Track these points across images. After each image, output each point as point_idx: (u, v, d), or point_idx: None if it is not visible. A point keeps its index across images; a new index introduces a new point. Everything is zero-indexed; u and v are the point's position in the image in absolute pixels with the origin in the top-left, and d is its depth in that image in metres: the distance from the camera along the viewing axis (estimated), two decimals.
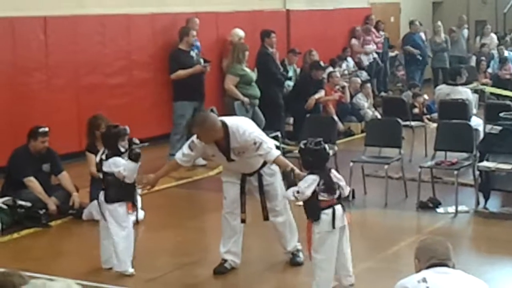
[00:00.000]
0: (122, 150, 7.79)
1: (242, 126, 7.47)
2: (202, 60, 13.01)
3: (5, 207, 9.51)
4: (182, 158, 7.70)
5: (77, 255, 8.63)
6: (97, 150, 9.68)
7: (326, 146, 6.90)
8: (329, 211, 6.70)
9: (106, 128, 7.96)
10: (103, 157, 7.83)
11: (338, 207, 6.76)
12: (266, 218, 7.82)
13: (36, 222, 9.52)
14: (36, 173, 9.91)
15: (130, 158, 7.67)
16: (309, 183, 6.69)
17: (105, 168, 7.78)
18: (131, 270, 7.73)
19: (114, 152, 7.76)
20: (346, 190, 6.96)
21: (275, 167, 7.69)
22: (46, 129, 10.02)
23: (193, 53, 13.02)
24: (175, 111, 12.87)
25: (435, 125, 15.46)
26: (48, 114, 12.25)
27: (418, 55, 19.54)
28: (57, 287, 4.01)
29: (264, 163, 7.66)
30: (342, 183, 6.90)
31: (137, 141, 7.74)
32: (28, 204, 9.61)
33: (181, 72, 12.69)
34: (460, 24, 21.51)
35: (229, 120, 7.56)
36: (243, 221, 7.80)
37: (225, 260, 7.82)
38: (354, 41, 19.37)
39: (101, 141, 8.16)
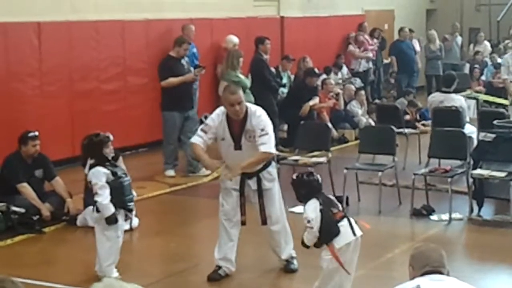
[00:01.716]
0: (108, 157, 7.80)
1: (260, 110, 7.62)
2: (192, 69, 12.84)
3: None
4: (201, 140, 7.69)
5: (71, 262, 8.61)
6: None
7: (318, 176, 6.79)
8: (345, 222, 6.58)
9: (88, 138, 7.93)
10: (91, 163, 7.83)
11: (349, 217, 6.66)
12: (264, 222, 7.82)
13: (30, 228, 9.50)
14: (29, 179, 9.90)
15: (106, 219, 7.63)
16: (312, 208, 6.55)
17: (88, 178, 7.80)
18: (114, 275, 7.72)
19: (99, 160, 7.74)
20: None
21: (274, 173, 7.76)
22: (36, 133, 10.02)
23: (183, 61, 12.84)
24: (166, 121, 12.51)
25: (428, 128, 15.55)
26: (41, 120, 12.23)
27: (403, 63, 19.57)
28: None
29: (264, 167, 7.68)
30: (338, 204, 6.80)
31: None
32: (22, 210, 9.59)
33: (172, 80, 12.35)
34: (454, 31, 21.54)
35: (249, 104, 7.73)
36: (243, 223, 7.80)
37: (219, 267, 7.81)
38: (351, 47, 19.38)
39: (86, 151, 8.09)
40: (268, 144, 7.47)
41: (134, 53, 14.16)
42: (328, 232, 6.52)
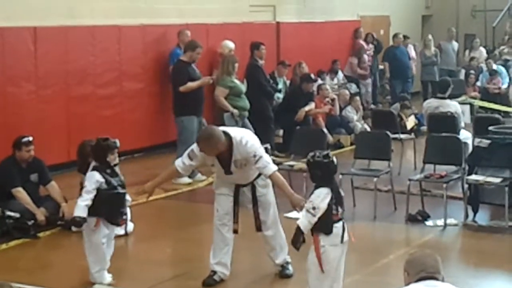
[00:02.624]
0: (111, 163, 7.78)
1: (245, 137, 7.53)
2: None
3: None
4: (182, 166, 7.71)
5: (66, 267, 8.60)
6: None
7: (335, 158, 6.77)
8: (339, 224, 6.57)
9: (96, 141, 7.89)
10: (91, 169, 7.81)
11: (344, 222, 6.65)
12: (259, 229, 7.83)
13: (25, 233, 9.48)
14: (24, 183, 9.88)
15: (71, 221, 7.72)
16: (322, 197, 6.49)
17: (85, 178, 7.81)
18: (106, 281, 7.70)
19: (102, 165, 7.72)
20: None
21: (268, 180, 7.72)
22: (30, 138, 10.00)
23: (193, 66, 12.81)
24: (185, 127, 12.17)
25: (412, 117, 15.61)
26: (37, 124, 12.23)
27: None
28: None
29: (259, 174, 7.68)
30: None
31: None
32: (17, 214, 9.57)
33: (191, 85, 12.13)
34: (449, 37, 21.56)
35: (233, 132, 7.58)
36: (235, 231, 7.80)
37: (215, 272, 7.81)
38: (352, 59, 19.44)
39: (91, 153, 8.09)
40: (268, 166, 7.45)
41: (130, 58, 14.17)
42: (322, 227, 6.50)
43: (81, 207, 7.54)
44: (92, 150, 7.96)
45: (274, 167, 7.51)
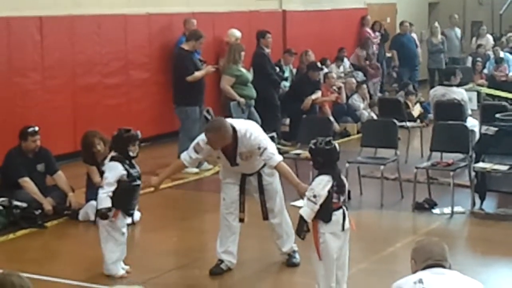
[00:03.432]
0: (132, 155, 7.74)
1: (249, 129, 7.53)
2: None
3: (0, 207, 9.48)
4: (188, 160, 7.72)
5: (73, 256, 8.62)
6: (96, 161, 9.71)
7: (337, 144, 6.78)
8: (339, 212, 6.58)
9: (118, 131, 7.82)
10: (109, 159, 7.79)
11: (345, 210, 6.66)
12: (265, 217, 7.84)
13: (32, 222, 9.49)
14: (31, 173, 9.90)
15: (98, 211, 7.60)
16: (323, 184, 6.51)
17: (103, 168, 7.79)
18: (120, 272, 7.70)
19: (123, 156, 7.68)
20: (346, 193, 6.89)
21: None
22: (36, 128, 10.01)
23: (196, 54, 12.79)
24: (188, 117, 12.20)
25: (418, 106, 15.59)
26: (44, 114, 12.24)
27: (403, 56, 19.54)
28: None
29: (265, 164, 7.68)
30: (346, 185, 6.80)
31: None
32: (24, 204, 9.59)
33: (197, 74, 12.14)
34: (452, 24, 21.43)
35: (238, 125, 7.58)
36: (241, 220, 7.81)
37: (221, 261, 7.81)
38: (359, 51, 19.40)
39: (111, 143, 8.02)
40: (272, 157, 7.44)
41: (136, 47, 14.16)
42: (321, 214, 6.51)
43: (104, 199, 7.52)
44: (113, 141, 7.88)
45: (279, 158, 7.49)
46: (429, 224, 9.53)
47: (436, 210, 9.90)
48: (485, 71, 20.12)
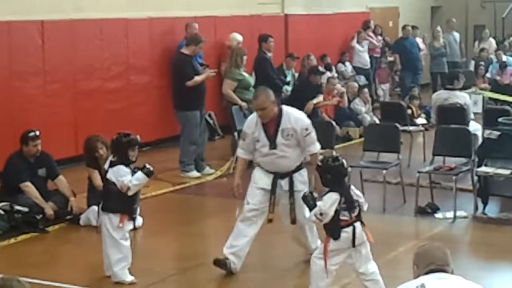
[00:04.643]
0: (132, 159, 7.69)
1: (296, 112, 7.90)
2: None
3: (2, 212, 9.47)
4: (242, 151, 7.96)
5: (74, 261, 8.59)
6: (99, 165, 9.70)
7: (344, 161, 6.77)
8: (350, 229, 6.61)
9: (117, 136, 7.78)
10: (112, 159, 7.74)
11: (358, 225, 6.67)
12: (293, 222, 7.87)
13: (33, 227, 9.47)
14: (32, 178, 9.87)
15: (143, 172, 7.55)
16: (330, 203, 6.55)
17: (108, 175, 7.68)
18: (129, 279, 7.65)
19: (122, 160, 7.64)
20: (365, 206, 6.86)
21: (306, 176, 7.87)
22: (37, 132, 9.99)
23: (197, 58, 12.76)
24: (189, 121, 12.10)
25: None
26: (45, 118, 12.22)
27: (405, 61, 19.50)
28: None
29: (297, 168, 7.79)
30: (362, 199, 6.80)
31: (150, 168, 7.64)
32: (25, 209, 9.57)
33: (197, 79, 12.05)
34: (450, 28, 21.35)
35: (283, 106, 7.93)
36: (270, 221, 7.88)
37: (227, 258, 7.81)
38: (355, 44, 19.35)
39: (110, 148, 8.02)
40: (316, 143, 7.80)
41: (138, 51, 14.14)
42: (330, 232, 6.61)
43: (138, 178, 7.52)
44: (112, 146, 7.84)
45: (319, 146, 7.85)
46: (432, 229, 9.50)
47: (438, 215, 9.87)
48: (488, 75, 20.10)
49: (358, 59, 19.32)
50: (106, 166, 7.84)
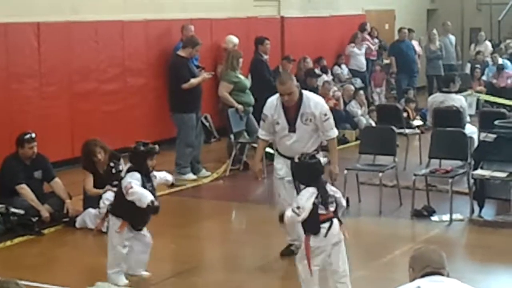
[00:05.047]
0: (150, 169, 7.54)
1: (316, 97, 8.23)
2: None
3: None
4: (264, 132, 8.24)
5: (70, 263, 8.59)
6: (96, 169, 9.69)
7: (321, 158, 6.89)
8: (327, 224, 6.65)
9: (136, 145, 7.63)
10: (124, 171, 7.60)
11: (335, 221, 6.71)
12: None
13: (29, 229, 9.46)
14: (28, 180, 9.86)
15: (150, 204, 7.32)
16: (307, 196, 6.61)
17: (123, 181, 7.47)
18: (122, 282, 7.61)
19: (139, 169, 7.46)
20: (343, 201, 6.94)
21: (324, 162, 7.91)
22: (33, 134, 9.98)
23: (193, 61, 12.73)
24: (184, 124, 12.05)
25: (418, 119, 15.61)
26: (41, 121, 12.20)
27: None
28: None
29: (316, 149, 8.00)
30: (338, 195, 6.84)
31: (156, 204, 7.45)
32: (21, 211, 9.55)
33: (193, 81, 12.00)
34: (445, 30, 21.36)
35: (303, 90, 8.19)
36: None
37: (291, 244, 8.07)
38: (351, 47, 19.34)
39: (128, 157, 7.79)
40: (334, 128, 8.17)
41: (134, 53, 14.13)
42: (309, 227, 6.67)
43: (144, 192, 7.31)
44: (130, 155, 7.66)
45: (336, 132, 8.24)
46: (428, 232, 9.50)
47: (434, 217, 9.87)
48: (484, 77, 20.11)
49: (354, 61, 19.31)
50: (123, 174, 7.69)
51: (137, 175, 7.45)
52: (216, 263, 8.53)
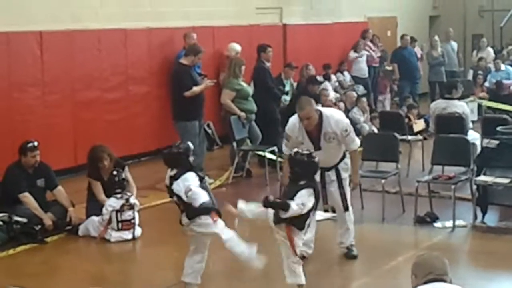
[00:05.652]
0: (194, 164, 7.50)
1: (336, 114, 8.36)
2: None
3: (0, 223, 9.46)
4: (287, 149, 8.23)
5: (73, 271, 8.58)
6: (100, 175, 9.69)
7: (317, 158, 6.97)
8: (308, 221, 7.01)
9: (168, 151, 7.58)
10: (171, 174, 7.47)
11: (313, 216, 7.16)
12: (346, 208, 8.49)
13: (32, 238, 9.47)
14: (31, 188, 9.87)
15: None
16: (309, 194, 6.82)
17: (175, 189, 7.36)
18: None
19: (186, 169, 7.39)
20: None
21: (348, 163, 8.39)
22: (35, 143, 9.99)
23: (196, 69, 12.74)
24: (188, 132, 11.93)
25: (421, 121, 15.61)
26: (44, 129, 12.21)
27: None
28: None
29: (341, 159, 8.34)
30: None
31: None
32: (24, 220, 9.56)
33: (195, 89, 12.00)
34: (447, 37, 21.37)
35: (322, 109, 8.39)
36: (326, 210, 8.63)
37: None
38: (352, 53, 19.33)
39: (165, 164, 7.66)
40: (356, 141, 8.34)
41: (136, 62, 14.15)
42: (297, 223, 6.87)
43: (200, 191, 7.27)
44: (168, 161, 7.58)
45: (358, 143, 8.42)
46: (431, 238, 9.49)
47: (437, 224, 9.86)
48: (486, 84, 20.10)
49: (356, 68, 19.32)
50: (166, 181, 7.55)
51: (192, 175, 7.33)
52: (219, 271, 8.51)
